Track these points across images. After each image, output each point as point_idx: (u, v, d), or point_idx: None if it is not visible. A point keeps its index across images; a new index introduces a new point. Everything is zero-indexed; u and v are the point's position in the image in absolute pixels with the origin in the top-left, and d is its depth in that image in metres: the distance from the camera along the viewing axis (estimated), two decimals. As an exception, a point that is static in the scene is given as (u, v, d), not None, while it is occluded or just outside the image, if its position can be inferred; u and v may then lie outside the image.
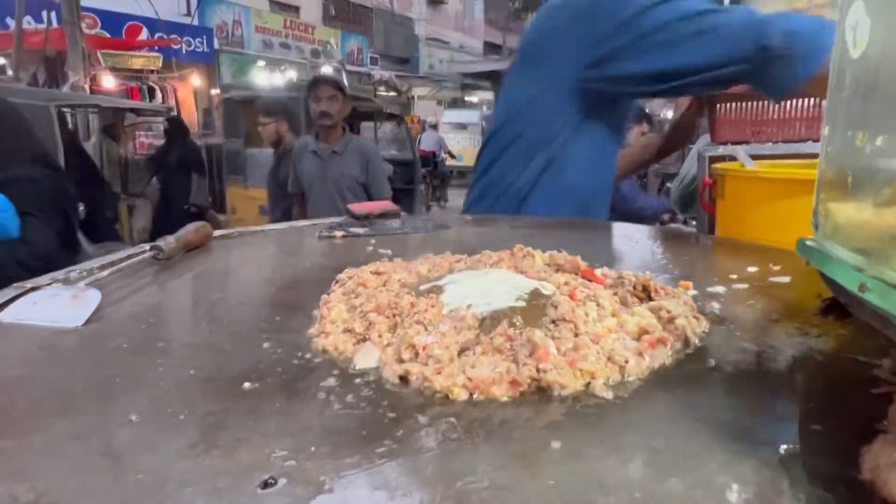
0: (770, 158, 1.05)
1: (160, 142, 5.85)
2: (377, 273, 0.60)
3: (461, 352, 0.42)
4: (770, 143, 1.12)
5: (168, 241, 0.67)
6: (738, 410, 0.36)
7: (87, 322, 0.49)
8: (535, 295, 0.51)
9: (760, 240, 0.82)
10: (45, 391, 0.37)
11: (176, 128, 5.37)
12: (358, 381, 0.40)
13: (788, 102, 1.09)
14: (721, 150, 1.13)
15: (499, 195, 1.17)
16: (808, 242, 0.43)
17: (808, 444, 0.32)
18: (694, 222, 1.77)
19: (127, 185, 5.37)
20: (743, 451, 0.31)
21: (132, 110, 5.67)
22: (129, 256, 0.68)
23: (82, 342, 0.45)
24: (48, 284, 0.58)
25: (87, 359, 0.42)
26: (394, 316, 0.48)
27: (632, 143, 2.94)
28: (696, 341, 0.46)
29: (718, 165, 0.93)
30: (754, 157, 1.01)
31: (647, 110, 3.29)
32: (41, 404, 0.35)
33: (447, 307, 0.49)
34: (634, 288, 0.54)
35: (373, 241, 0.85)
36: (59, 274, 0.61)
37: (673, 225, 2.22)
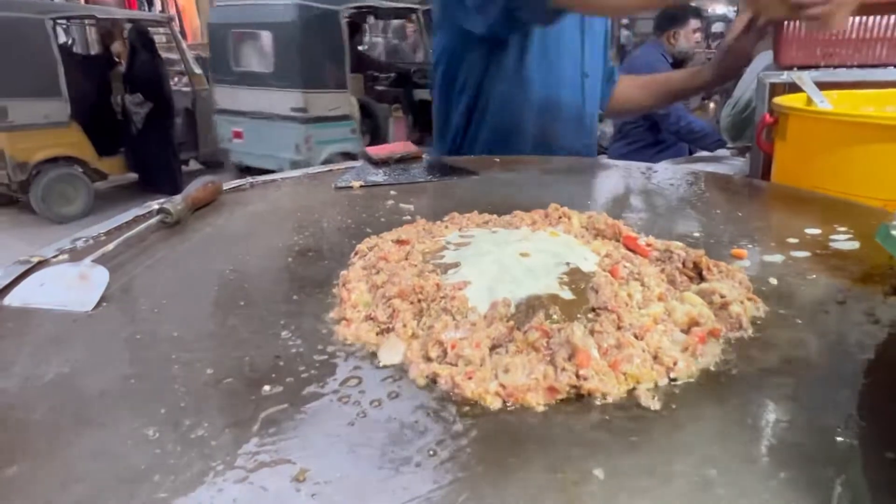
0: (842, 88, 0.96)
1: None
2: (399, 243, 0.58)
3: (493, 348, 0.41)
4: (844, 69, 1.02)
5: (176, 203, 0.66)
6: (799, 428, 0.34)
7: (97, 305, 0.48)
8: (574, 275, 0.49)
9: (825, 189, 0.77)
10: (60, 398, 0.37)
11: (139, 40, 5.14)
12: (383, 382, 0.39)
13: (870, 19, 0.98)
14: (785, 77, 1.04)
15: (442, 138, 1.21)
16: (894, 231, 0.39)
17: (880, 478, 0.30)
18: (746, 155, 1.68)
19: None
20: (804, 484, 0.29)
21: (130, 21, 5.50)
22: (136, 220, 0.67)
23: (93, 333, 0.45)
24: (54, 257, 0.57)
25: (99, 355, 0.42)
26: (419, 301, 0.46)
27: (683, 49, 2.77)
28: (751, 331, 0.44)
29: (781, 100, 0.85)
30: (823, 86, 0.93)
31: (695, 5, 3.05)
32: (56, 414, 0.35)
33: (476, 289, 0.47)
34: (684, 265, 0.51)
35: (393, 191, 0.82)
36: (65, 243, 0.60)
37: (721, 152, 2.11)
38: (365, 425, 0.34)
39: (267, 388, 0.38)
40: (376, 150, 0.95)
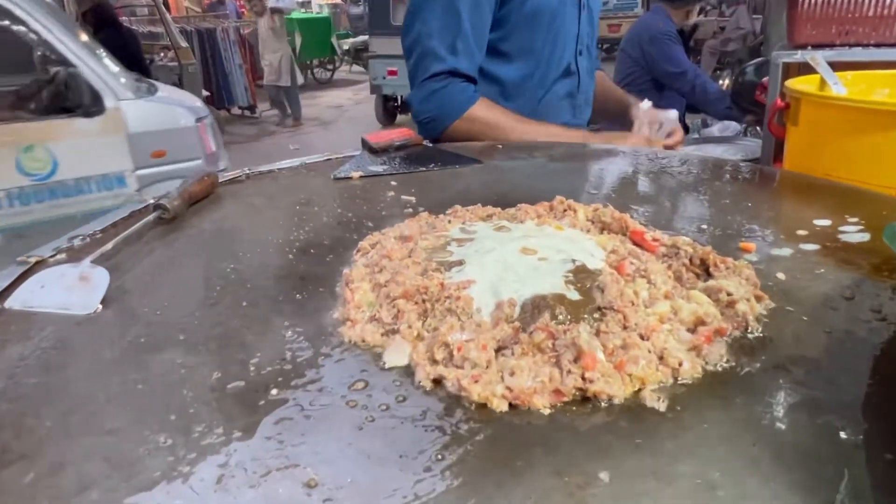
0: (858, 68, 0.96)
1: (143, 29, 5.59)
2: (402, 239, 0.59)
3: (498, 350, 0.43)
4: (860, 48, 1.03)
5: (172, 198, 0.67)
6: (802, 429, 0.36)
7: (99, 307, 0.50)
8: (580, 273, 0.50)
9: (838, 177, 0.78)
10: (69, 404, 0.39)
11: (99, 15, 5.05)
12: (390, 384, 0.41)
13: (888, -4, 0.98)
14: (798, 56, 1.04)
15: None
16: (902, 232, 0.40)
17: (881, 480, 0.32)
18: (757, 129, 1.69)
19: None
20: (806, 486, 0.31)
21: (109, -8, 5.42)
22: (132, 215, 0.68)
23: (97, 336, 0.47)
24: (52, 256, 0.59)
25: (105, 359, 0.44)
26: (423, 302, 0.48)
27: (692, 22, 2.80)
28: (758, 329, 0.46)
29: (793, 84, 0.86)
30: (838, 66, 0.94)
31: None
32: (67, 421, 0.37)
33: (480, 289, 0.49)
34: (691, 261, 0.53)
35: (393, 182, 0.84)
36: (62, 242, 0.62)
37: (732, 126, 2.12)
38: (374, 430, 0.36)
39: (274, 391, 0.40)
40: (376, 138, 0.96)
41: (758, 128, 2.19)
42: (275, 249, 0.62)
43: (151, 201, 0.69)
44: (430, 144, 1.00)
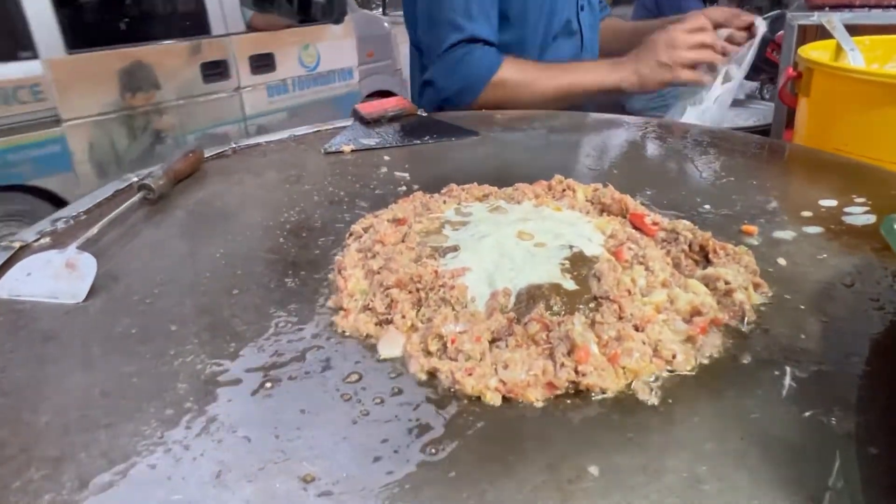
0: (877, 32, 0.96)
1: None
2: (395, 222, 0.61)
3: (493, 341, 0.45)
4: (880, 9, 1.02)
5: (157, 177, 0.68)
6: (792, 422, 0.38)
7: (88, 295, 0.52)
8: (577, 260, 0.52)
9: (849, 152, 0.79)
10: (64, 398, 0.41)
11: None
12: (384, 377, 0.43)
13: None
14: (815, 18, 1.04)
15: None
16: (900, 225, 0.42)
17: (866, 474, 0.35)
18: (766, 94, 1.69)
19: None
20: (792, 480, 0.34)
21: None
22: (115, 195, 0.70)
23: (87, 327, 0.49)
24: (36, 241, 0.60)
25: (97, 351, 0.46)
26: (417, 291, 0.50)
27: None
28: (754, 319, 0.48)
29: (806, 52, 0.86)
30: (856, 30, 0.94)
31: None
32: (63, 416, 0.40)
33: (475, 277, 0.51)
34: (690, 247, 0.55)
35: (386, 156, 0.85)
36: (45, 225, 0.63)
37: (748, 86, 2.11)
38: (368, 424, 0.39)
39: (268, 385, 0.42)
40: (368, 108, 0.96)
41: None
42: (264, 232, 0.64)
43: (135, 180, 0.70)
44: (425, 114, 1.00)
